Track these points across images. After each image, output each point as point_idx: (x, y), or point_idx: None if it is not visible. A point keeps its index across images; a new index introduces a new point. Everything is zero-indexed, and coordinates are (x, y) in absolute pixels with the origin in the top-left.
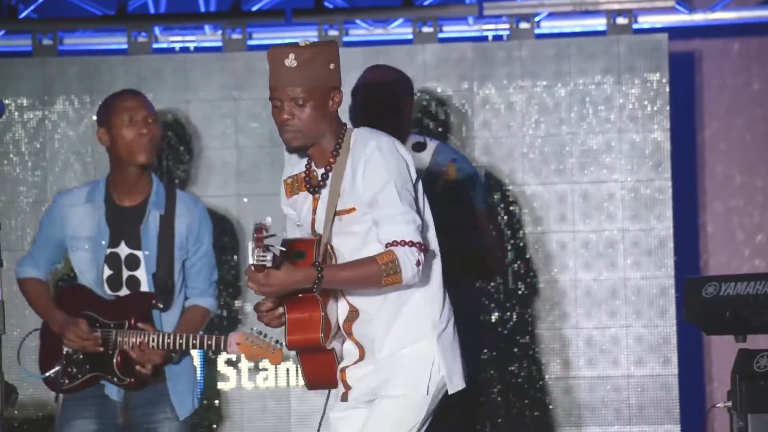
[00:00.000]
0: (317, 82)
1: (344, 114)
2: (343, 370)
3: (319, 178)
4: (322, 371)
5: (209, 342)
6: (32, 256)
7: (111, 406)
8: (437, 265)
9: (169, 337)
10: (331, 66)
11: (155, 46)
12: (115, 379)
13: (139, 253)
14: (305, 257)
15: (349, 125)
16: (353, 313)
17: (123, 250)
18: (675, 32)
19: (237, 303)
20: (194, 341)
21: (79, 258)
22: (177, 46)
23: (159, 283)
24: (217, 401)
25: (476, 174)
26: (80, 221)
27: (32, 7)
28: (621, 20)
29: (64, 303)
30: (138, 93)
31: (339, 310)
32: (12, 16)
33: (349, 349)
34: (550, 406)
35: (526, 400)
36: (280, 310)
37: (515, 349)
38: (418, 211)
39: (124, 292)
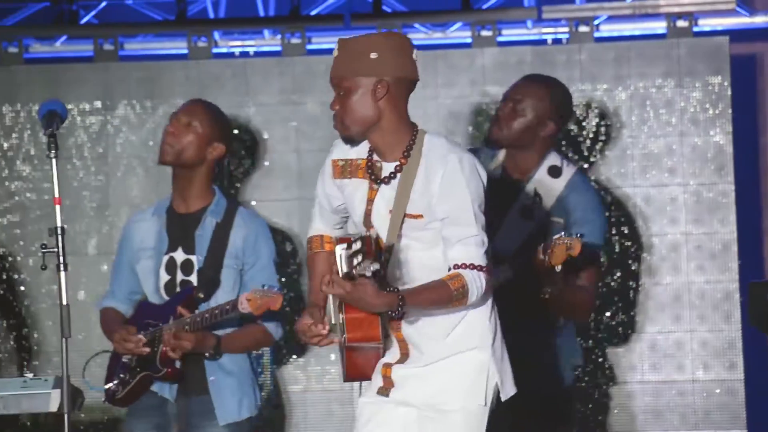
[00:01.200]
0: (354, 72)
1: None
2: (387, 366)
3: (386, 173)
4: (367, 362)
5: (227, 307)
6: (110, 289)
7: (166, 417)
8: (490, 271)
9: (198, 317)
10: (372, 56)
11: (215, 50)
12: (156, 372)
13: (193, 258)
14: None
15: (420, 127)
16: None
17: (179, 255)
18: (736, 35)
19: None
20: (216, 311)
21: (143, 268)
22: (237, 50)
23: (203, 277)
24: (282, 404)
25: (602, 223)
26: (145, 233)
27: (93, 13)
28: (681, 23)
29: (129, 321)
30: (195, 100)
31: None
32: (74, 22)
33: (391, 347)
34: (615, 411)
35: (590, 405)
36: (322, 329)
37: None
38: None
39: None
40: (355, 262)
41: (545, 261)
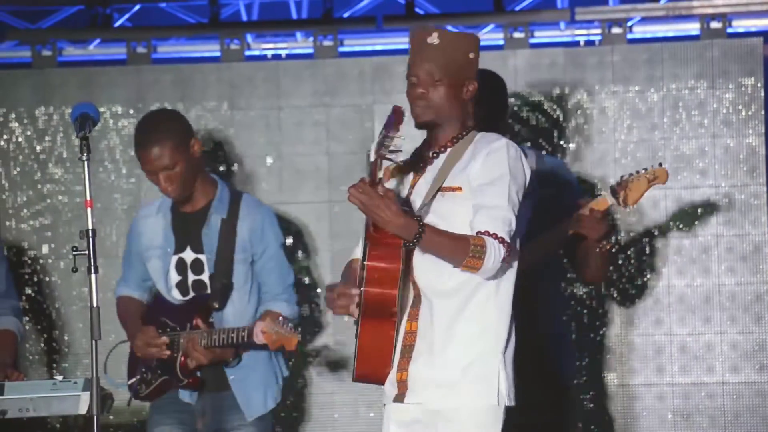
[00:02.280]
0: (455, 65)
1: None
2: (401, 369)
3: (429, 156)
4: (376, 350)
5: (242, 334)
6: (123, 276)
7: (190, 413)
8: (512, 280)
9: (215, 334)
10: (471, 55)
11: (247, 53)
12: (178, 381)
13: (203, 257)
14: None
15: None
16: (417, 298)
17: (188, 255)
18: None
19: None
20: (233, 335)
21: (153, 267)
22: (269, 53)
23: (215, 284)
24: (308, 406)
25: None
26: (152, 231)
27: (127, 16)
28: (715, 24)
29: (146, 315)
30: (141, 143)
31: (410, 293)
32: (107, 25)
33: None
34: (644, 413)
35: (620, 407)
36: (347, 301)
37: (608, 356)
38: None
39: (192, 296)
40: (380, 144)
41: (619, 203)
